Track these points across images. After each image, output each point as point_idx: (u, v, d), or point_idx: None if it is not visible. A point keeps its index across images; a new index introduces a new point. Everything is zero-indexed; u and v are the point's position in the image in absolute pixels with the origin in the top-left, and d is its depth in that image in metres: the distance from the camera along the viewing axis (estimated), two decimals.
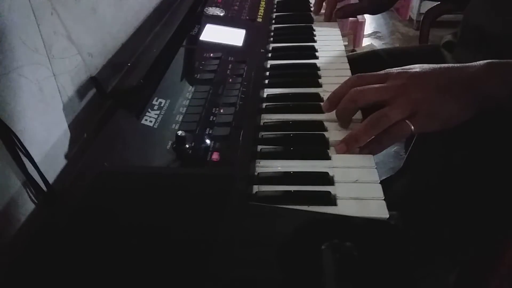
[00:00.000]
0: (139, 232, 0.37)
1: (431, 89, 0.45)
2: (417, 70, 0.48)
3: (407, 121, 0.45)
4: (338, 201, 0.41)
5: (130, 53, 0.63)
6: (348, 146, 0.47)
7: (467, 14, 0.68)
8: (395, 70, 0.49)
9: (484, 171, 0.56)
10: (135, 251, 0.36)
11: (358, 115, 0.51)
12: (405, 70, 0.48)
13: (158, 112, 0.51)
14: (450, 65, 0.48)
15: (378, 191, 0.42)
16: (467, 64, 0.47)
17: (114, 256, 0.35)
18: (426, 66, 0.48)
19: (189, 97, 0.55)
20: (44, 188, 0.43)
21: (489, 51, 0.62)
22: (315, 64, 0.67)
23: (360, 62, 0.85)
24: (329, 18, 0.83)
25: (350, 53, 0.84)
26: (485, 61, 0.47)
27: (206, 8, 0.82)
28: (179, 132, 0.45)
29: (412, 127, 0.45)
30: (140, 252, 0.35)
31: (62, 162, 0.48)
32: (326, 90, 0.59)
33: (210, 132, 0.49)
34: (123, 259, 0.35)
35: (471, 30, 0.66)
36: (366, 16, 2.16)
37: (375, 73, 0.50)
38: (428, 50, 0.87)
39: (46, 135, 0.45)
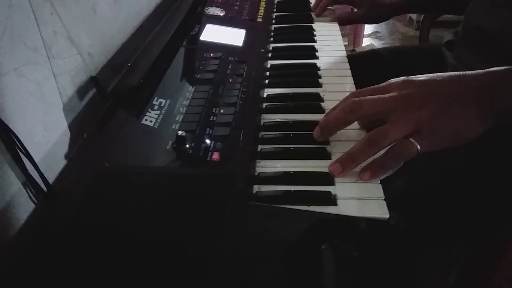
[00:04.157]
0: (139, 232, 0.37)
1: (439, 100, 0.41)
2: (423, 79, 0.43)
3: (411, 139, 0.40)
4: (338, 201, 0.41)
5: (130, 53, 0.63)
6: (344, 167, 0.42)
7: (468, 13, 0.68)
8: (398, 79, 0.44)
9: (484, 170, 0.56)
10: (135, 251, 0.35)
11: (358, 135, 0.49)
12: (409, 79, 0.43)
13: (158, 112, 0.51)
14: (461, 72, 0.43)
15: (378, 191, 0.42)
16: (480, 71, 0.42)
17: (114, 255, 0.35)
18: (433, 74, 0.43)
19: (189, 97, 0.55)
20: (44, 188, 0.43)
21: (490, 50, 0.62)
22: (315, 64, 0.67)
23: (361, 61, 0.85)
24: (323, 11, 0.84)
25: (350, 53, 0.84)
26: (502, 67, 0.42)
27: (206, 8, 0.82)
28: (179, 132, 0.45)
29: (419, 147, 0.40)
30: (140, 252, 0.35)
31: (62, 162, 0.48)
32: (326, 90, 0.59)
33: (210, 132, 0.49)
34: (123, 259, 0.35)
35: (472, 29, 0.66)
36: None
37: (374, 86, 0.45)
38: (429, 49, 0.86)
39: (46, 135, 0.45)
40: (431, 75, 0.43)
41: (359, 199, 0.41)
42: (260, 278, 0.34)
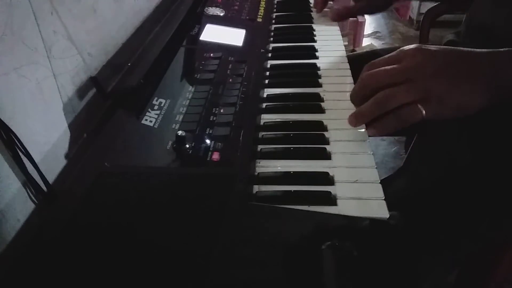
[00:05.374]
0: (139, 232, 0.37)
1: (447, 72, 0.43)
2: (435, 49, 0.45)
3: (419, 105, 0.43)
4: (338, 201, 0.41)
5: (130, 53, 0.63)
6: (356, 121, 0.47)
7: (471, 12, 0.67)
8: (410, 47, 0.46)
9: (484, 171, 0.56)
10: (135, 251, 0.36)
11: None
12: (422, 48, 0.45)
13: (158, 112, 0.51)
14: (470, 49, 0.46)
15: (378, 191, 0.42)
16: (488, 50, 0.45)
17: (114, 255, 0.35)
18: (444, 47, 0.46)
19: (189, 97, 0.55)
20: (44, 188, 0.43)
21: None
22: (315, 64, 0.67)
23: (360, 61, 0.85)
24: (321, 9, 0.84)
25: (350, 53, 0.84)
26: (508, 49, 0.45)
27: (206, 8, 0.82)
28: (179, 132, 0.45)
29: (424, 112, 0.43)
30: (140, 251, 0.35)
31: (62, 162, 0.48)
32: (326, 90, 0.59)
33: (210, 132, 0.49)
34: (124, 259, 0.35)
35: (475, 29, 0.65)
36: (366, 16, 2.16)
37: (388, 55, 0.48)
38: None
39: (46, 135, 0.45)
40: (442, 47, 0.46)
41: (359, 199, 0.41)
42: (260, 278, 0.34)
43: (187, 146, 0.46)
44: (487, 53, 0.45)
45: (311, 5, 0.91)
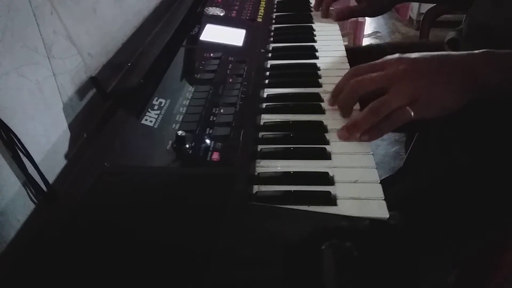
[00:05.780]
0: (139, 232, 0.37)
1: (430, 76, 0.46)
2: (416, 56, 0.48)
3: (407, 107, 0.46)
4: (338, 201, 0.41)
5: (130, 53, 0.63)
6: (350, 134, 0.48)
7: (472, 11, 0.67)
8: (393, 56, 0.49)
9: (484, 170, 0.56)
10: (135, 251, 0.36)
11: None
12: (403, 57, 0.49)
13: (158, 112, 0.51)
14: (448, 52, 0.49)
15: (378, 191, 0.42)
16: (464, 52, 0.49)
17: (114, 255, 0.35)
18: (424, 53, 0.49)
19: (189, 97, 0.55)
20: (44, 188, 0.43)
21: (494, 49, 0.62)
22: (315, 64, 0.67)
23: (363, 56, 0.85)
24: (326, 14, 0.84)
25: (352, 46, 0.85)
26: (482, 50, 0.48)
27: (206, 8, 0.82)
28: (179, 132, 0.45)
29: (412, 114, 0.45)
30: (140, 251, 0.35)
31: (62, 162, 0.48)
32: (326, 90, 0.59)
33: (210, 132, 0.49)
34: (124, 259, 0.35)
35: (476, 28, 0.66)
36: None
37: (372, 62, 0.51)
38: (432, 46, 0.86)
39: (46, 135, 0.45)
40: (421, 53, 0.49)
41: (359, 199, 0.41)
42: (260, 278, 0.34)
43: (187, 146, 0.46)
44: (464, 55, 0.48)
45: (311, 5, 0.91)
